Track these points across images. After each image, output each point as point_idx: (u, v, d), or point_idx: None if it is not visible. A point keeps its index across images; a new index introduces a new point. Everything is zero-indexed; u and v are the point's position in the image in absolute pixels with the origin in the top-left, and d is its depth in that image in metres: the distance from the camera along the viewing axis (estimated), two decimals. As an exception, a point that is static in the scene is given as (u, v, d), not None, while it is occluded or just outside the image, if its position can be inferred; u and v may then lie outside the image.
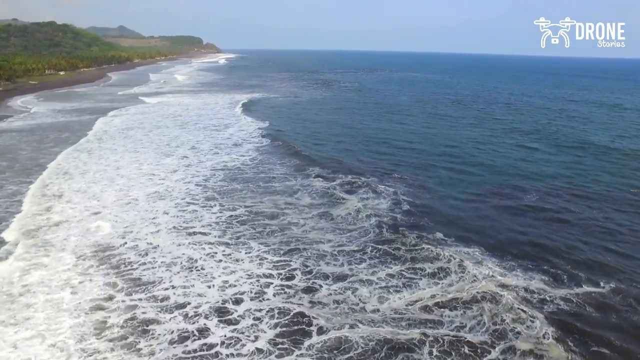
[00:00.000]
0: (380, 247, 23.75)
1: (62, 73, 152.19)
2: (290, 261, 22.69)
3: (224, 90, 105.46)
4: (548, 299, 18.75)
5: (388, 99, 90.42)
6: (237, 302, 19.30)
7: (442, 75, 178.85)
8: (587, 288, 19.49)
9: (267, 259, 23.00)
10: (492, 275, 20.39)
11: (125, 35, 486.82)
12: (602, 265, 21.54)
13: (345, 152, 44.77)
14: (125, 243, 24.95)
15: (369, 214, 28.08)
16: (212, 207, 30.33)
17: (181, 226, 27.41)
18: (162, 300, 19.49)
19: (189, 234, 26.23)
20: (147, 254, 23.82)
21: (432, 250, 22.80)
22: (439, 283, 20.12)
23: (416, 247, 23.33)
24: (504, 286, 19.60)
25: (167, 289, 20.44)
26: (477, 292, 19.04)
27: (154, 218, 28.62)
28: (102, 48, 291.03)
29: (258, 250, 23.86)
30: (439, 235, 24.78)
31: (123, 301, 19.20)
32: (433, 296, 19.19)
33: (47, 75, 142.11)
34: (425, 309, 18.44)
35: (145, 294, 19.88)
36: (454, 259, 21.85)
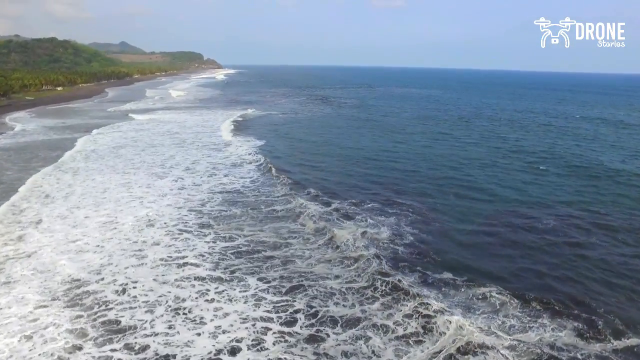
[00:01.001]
0: (387, 279, 21.43)
1: (59, 89, 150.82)
2: (293, 301, 20.25)
3: (221, 107, 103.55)
4: (580, 357, 16.15)
5: (389, 116, 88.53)
6: (233, 352, 16.88)
7: (444, 91, 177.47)
8: (627, 341, 16.93)
9: (265, 298, 20.59)
10: (513, 326, 17.86)
11: (126, 51, 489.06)
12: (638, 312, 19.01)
13: (344, 174, 42.23)
14: (103, 279, 22.55)
15: (366, 244, 25.73)
16: (205, 235, 28.02)
17: (170, 257, 25.05)
18: (140, 351, 17.04)
19: (178, 267, 23.85)
20: (126, 292, 21.42)
21: (441, 293, 20.36)
22: (457, 330, 17.58)
23: (423, 288, 20.89)
24: (528, 341, 16.95)
25: (147, 335, 17.99)
26: (500, 347, 16.48)
27: (139, 249, 26.22)
28: (102, 63, 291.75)
29: (256, 288, 21.45)
30: (448, 275, 22.17)
31: (91, 354, 16.70)
32: (454, 341, 16.78)
33: (44, 91, 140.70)
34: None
35: (120, 344, 17.41)
36: (469, 303, 19.41)
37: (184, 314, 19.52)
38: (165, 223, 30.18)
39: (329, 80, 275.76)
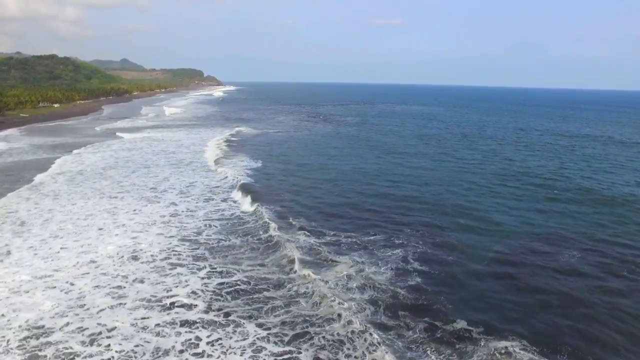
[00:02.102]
0: (389, 330, 18.68)
1: (56, 105, 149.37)
2: (298, 353, 17.56)
3: (219, 125, 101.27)
4: None
5: (389, 135, 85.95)
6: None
7: (445, 109, 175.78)
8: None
9: (265, 349, 17.91)
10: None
11: (127, 68, 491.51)
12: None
13: (343, 201, 38.70)
14: (68, 324, 19.76)
15: (360, 284, 22.80)
16: (200, 269, 25.38)
17: (154, 296, 22.32)
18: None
19: (163, 309, 21.10)
20: (95, 342, 18.66)
21: (455, 351, 17.47)
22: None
23: (431, 345, 17.99)
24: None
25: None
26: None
27: (118, 286, 23.49)
28: (101, 80, 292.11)
29: (255, 336, 18.74)
30: (461, 325, 19.08)
31: None
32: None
33: (40, 108, 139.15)
34: None
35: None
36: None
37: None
38: (152, 255, 27.47)
39: (329, 97, 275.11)
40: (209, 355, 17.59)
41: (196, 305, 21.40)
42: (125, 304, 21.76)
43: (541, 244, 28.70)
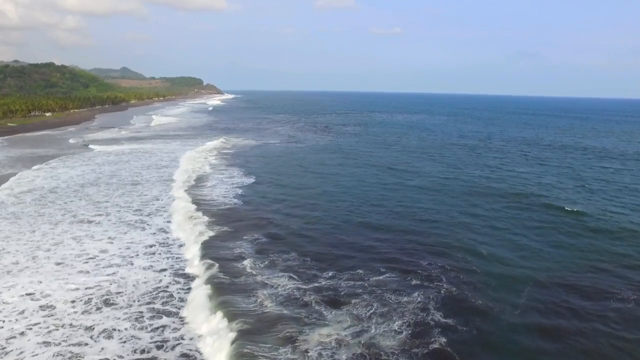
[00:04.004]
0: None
1: (48, 114, 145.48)
2: None
3: (214, 135, 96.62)
4: None
5: (392, 148, 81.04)
6: None
7: (448, 118, 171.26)
8: None
9: None
10: None
11: (126, 77, 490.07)
12: None
13: (341, 231, 33.28)
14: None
15: (355, 356, 17.53)
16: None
17: (122, 358, 17.90)
18: None
19: None
20: None
21: None
22: None
23: None
24: None
25: None
26: None
27: (77, 344, 18.82)
28: (99, 89, 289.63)
29: None
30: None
31: None
32: None
33: (31, 117, 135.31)
34: None
35: None
36: None
37: None
38: (130, 299, 22.65)
39: (329, 106, 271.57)
40: None
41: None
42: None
43: (582, 290, 23.80)
